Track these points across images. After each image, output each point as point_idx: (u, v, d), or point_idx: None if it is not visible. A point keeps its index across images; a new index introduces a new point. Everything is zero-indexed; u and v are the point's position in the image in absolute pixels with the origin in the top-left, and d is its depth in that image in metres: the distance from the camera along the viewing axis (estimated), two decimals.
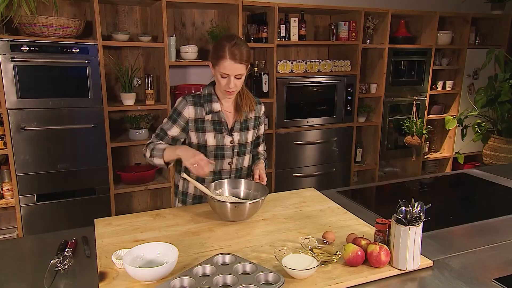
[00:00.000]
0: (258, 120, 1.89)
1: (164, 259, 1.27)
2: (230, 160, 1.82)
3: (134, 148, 3.49)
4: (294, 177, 3.74)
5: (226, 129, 1.78)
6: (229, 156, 1.81)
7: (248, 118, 1.84)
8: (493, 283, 1.23)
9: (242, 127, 1.82)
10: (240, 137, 1.82)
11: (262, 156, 1.98)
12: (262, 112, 1.90)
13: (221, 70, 1.64)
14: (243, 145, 1.84)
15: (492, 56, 3.91)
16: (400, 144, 4.21)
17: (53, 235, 1.54)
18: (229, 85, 1.66)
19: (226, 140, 1.78)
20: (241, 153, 1.85)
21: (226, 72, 1.63)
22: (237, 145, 1.82)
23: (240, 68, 1.64)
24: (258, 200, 1.58)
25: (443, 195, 2.19)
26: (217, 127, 1.77)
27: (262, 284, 1.16)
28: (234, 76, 1.65)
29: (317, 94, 3.72)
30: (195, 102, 1.76)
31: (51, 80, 2.74)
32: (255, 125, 1.88)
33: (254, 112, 1.85)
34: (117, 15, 3.27)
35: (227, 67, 1.62)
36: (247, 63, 1.67)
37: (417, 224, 1.25)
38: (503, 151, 3.96)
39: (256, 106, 1.86)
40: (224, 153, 1.80)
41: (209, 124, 1.76)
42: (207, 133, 1.76)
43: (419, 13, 4.01)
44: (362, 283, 1.22)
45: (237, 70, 1.64)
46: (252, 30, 3.47)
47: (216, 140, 1.77)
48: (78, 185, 2.92)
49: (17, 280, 1.25)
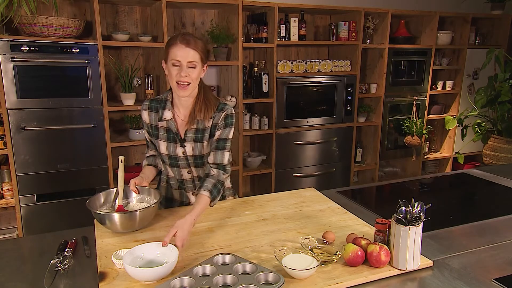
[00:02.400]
0: (216, 128, 1.65)
1: (164, 259, 1.27)
2: (189, 169, 1.72)
3: (134, 148, 3.49)
4: (294, 177, 3.74)
5: (177, 139, 1.65)
6: (185, 166, 1.71)
7: (205, 127, 1.64)
8: (493, 283, 1.23)
9: (196, 137, 1.64)
10: (194, 149, 1.66)
11: (209, 181, 1.56)
12: (221, 118, 1.64)
13: (172, 57, 1.51)
14: (198, 157, 1.68)
15: (492, 56, 3.92)
16: (400, 144, 4.21)
17: (53, 235, 1.54)
18: (181, 73, 1.50)
19: (178, 150, 1.67)
20: (198, 165, 1.70)
21: (177, 58, 1.50)
22: (191, 156, 1.67)
23: (192, 55, 1.50)
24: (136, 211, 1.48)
25: (443, 195, 2.19)
26: (170, 135, 1.66)
27: (262, 284, 1.16)
28: (187, 64, 1.51)
29: (317, 94, 3.72)
30: (151, 106, 1.67)
31: (51, 80, 2.74)
32: (211, 135, 1.66)
33: (211, 119, 1.64)
34: (117, 15, 3.27)
35: (178, 52, 1.49)
36: (201, 53, 1.53)
37: (417, 224, 1.25)
38: (503, 151, 3.96)
39: (216, 113, 1.64)
40: (179, 163, 1.70)
41: (162, 132, 1.66)
42: (160, 141, 1.68)
43: (419, 13, 4.01)
44: (362, 283, 1.22)
45: (189, 57, 1.50)
46: (252, 30, 3.47)
47: (168, 150, 1.68)
48: (78, 185, 2.92)
49: (17, 280, 1.25)
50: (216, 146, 1.64)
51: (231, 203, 1.82)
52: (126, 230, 1.50)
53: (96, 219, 1.53)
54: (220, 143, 1.64)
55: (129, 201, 1.67)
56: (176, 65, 1.52)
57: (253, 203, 1.82)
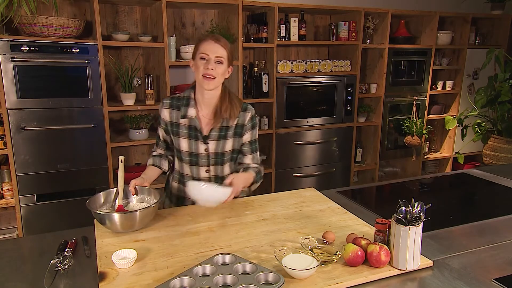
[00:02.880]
0: (243, 128, 1.75)
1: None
2: (207, 168, 1.76)
3: (134, 148, 3.49)
4: (294, 177, 3.74)
5: (201, 136, 1.70)
6: (204, 164, 1.74)
7: (229, 125, 1.72)
8: (493, 283, 1.23)
9: (220, 135, 1.71)
10: (217, 146, 1.71)
11: (253, 169, 1.76)
12: (247, 119, 1.74)
13: (201, 51, 1.60)
14: (220, 154, 1.73)
15: (492, 56, 3.92)
16: (400, 144, 4.21)
17: (53, 235, 1.54)
18: (208, 65, 1.58)
19: (200, 147, 1.71)
20: (218, 162, 1.75)
21: (206, 52, 1.59)
22: (213, 153, 1.72)
23: (221, 51, 1.60)
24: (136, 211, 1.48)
25: (443, 195, 2.19)
26: (192, 133, 1.70)
27: (262, 284, 1.16)
28: (214, 59, 1.59)
29: (317, 94, 3.72)
30: (172, 104, 1.71)
31: (51, 80, 2.74)
32: (236, 133, 1.74)
33: (236, 119, 1.72)
34: (117, 15, 3.27)
35: (207, 47, 1.59)
36: (229, 52, 1.63)
37: (417, 224, 1.25)
38: (503, 151, 3.96)
39: (240, 112, 1.73)
40: (199, 160, 1.73)
41: (183, 129, 1.70)
42: (181, 138, 1.71)
43: (419, 13, 4.01)
44: (362, 283, 1.22)
45: (218, 52, 1.59)
46: (252, 30, 3.47)
47: (190, 147, 1.71)
48: (78, 185, 2.92)
49: (17, 280, 1.25)
50: (250, 149, 1.79)
51: (231, 203, 1.82)
52: (126, 230, 1.50)
53: (96, 219, 1.53)
54: (253, 145, 1.80)
55: (129, 201, 1.67)
56: (203, 59, 1.60)
57: (253, 203, 1.82)
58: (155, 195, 1.65)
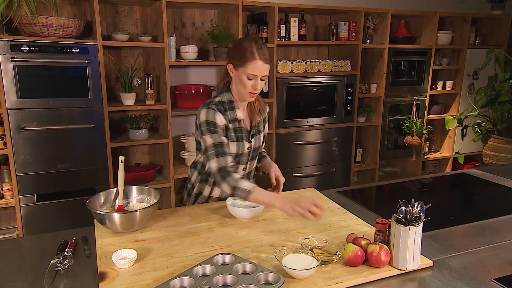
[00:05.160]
0: (265, 121, 1.88)
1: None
2: (245, 166, 1.82)
3: (134, 148, 3.49)
4: (294, 177, 3.74)
5: (246, 136, 1.76)
6: (244, 162, 1.80)
7: (261, 120, 1.84)
8: (493, 283, 1.23)
9: (258, 130, 1.82)
10: (255, 142, 1.81)
11: (264, 152, 1.97)
12: (267, 111, 1.89)
13: (249, 71, 1.60)
14: (257, 149, 1.84)
15: (492, 56, 3.92)
16: (400, 144, 4.21)
17: (53, 235, 1.54)
18: (257, 86, 1.63)
19: (245, 147, 1.76)
20: (254, 157, 1.85)
21: (256, 73, 1.61)
22: (253, 149, 1.81)
23: (267, 69, 1.65)
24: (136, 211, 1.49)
25: (443, 195, 2.19)
26: (238, 134, 1.73)
27: (262, 284, 1.16)
28: (261, 78, 1.64)
29: (317, 94, 3.72)
30: (220, 109, 1.68)
31: (51, 80, 2.74)
32: (264, 127, 1.87)
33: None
34: (117, 15, 3.27)
35: (257, 68, 1.60)
36: (271, 63, 1.71)
37: (417, 224, 1.25)
38: (503, 151, 3.96)
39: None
40: (241, 159, 1.78)
41: (232, 132, 1.72)
42: (230, 142, 1.71)
43: (419, 13, 4.01)
44: (362, 283, 1.22)
45: (265, 71, 1.64)
46: (252, 30, 3.47)
47: (238, 149, 1.73)
48: (78, 185, 2.92)
49: (17, 280, 1.25)
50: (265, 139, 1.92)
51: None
52: (126, 230, 1.50)
53: (96, 219, 1.53)
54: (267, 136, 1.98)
55: (129, 201, 1.67)
56: (251, 79, 1.63)
57: None
58: (155, 195, 1.65)
